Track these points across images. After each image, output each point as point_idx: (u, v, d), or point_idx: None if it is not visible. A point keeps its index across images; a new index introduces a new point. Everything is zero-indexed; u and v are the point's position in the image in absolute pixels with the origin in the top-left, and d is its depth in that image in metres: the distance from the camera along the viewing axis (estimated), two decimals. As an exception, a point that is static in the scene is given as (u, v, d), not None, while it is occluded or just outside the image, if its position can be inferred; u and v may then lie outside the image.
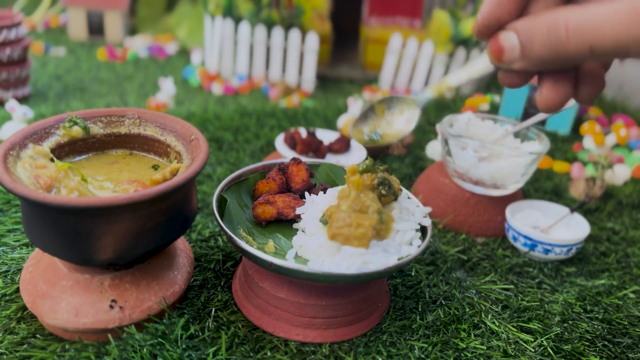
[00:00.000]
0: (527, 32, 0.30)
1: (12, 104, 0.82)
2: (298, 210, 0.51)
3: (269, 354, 0.46)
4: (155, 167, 0.51)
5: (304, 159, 0.60)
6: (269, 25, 1.50)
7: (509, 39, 0.31)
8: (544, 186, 0.88)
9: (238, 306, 0.51)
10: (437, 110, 1.22)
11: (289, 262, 0.43)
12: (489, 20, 0.31)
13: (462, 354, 0.49)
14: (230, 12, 1.51)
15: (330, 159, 0.77)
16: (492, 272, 0.62)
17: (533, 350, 0.50)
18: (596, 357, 0.50)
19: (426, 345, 0.49)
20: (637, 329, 0.55)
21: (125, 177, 0.48)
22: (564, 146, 1.07)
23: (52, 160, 0.46)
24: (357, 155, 0.79)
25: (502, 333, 0.52)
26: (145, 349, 0.43)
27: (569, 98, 0.32)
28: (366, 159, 0.40)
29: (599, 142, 1.04)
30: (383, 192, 0.47)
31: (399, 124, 0.44)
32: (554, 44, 0.28)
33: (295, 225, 0.52)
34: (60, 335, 0.45)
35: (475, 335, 0.51)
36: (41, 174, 0.42)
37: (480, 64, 0.36)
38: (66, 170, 0.42)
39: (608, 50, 0.26)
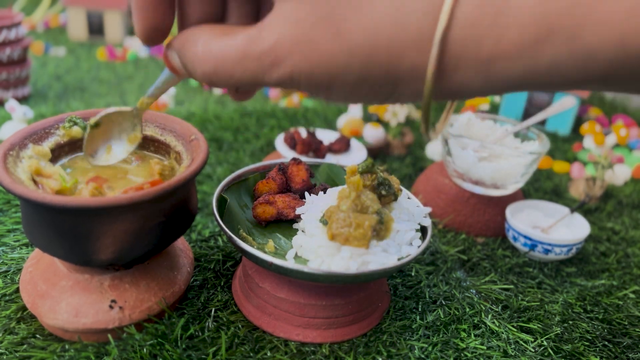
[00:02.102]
0: (181, 56, 0.30)
1: (12, 104, 0.82)
2: (298, 210, 0.51)
3: (268, 354, 0.46)
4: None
5: (304, 159, 0.60)
6: (269, 25, 1.50)
7: (173, 58, 0.32)
8: (544, 186, 0.88)
9: (238, 306, 0.51)
10: (437, 110, 1.22)
11: (289, 262, 0.43)
12: (144, 30, 0.32)
13: (462, 354, 0.49)
14: (230, 12, 1.51)
15: (330, 159, 0.77)
16: (492, 272, 0.62)
17: (533, 351, 0.50)
18: (596, 357, 0.50)
19: (426, 345, 0.49)
20: (637, 329, 0.55)
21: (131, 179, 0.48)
22: (564, 146, 1.07)
23: (58, 158, 0.46)
24: (357, 155, 0.79)
25: (502, 333, 0.52)
26: (145, 349, 0.43)
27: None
28: (366, 159, 0.40)
29: (599, 142, 1.04)
30: (383, 192, 0.47)
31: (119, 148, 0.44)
32: (190, 66, 0.29)
33: (295, 225, 0.52)
34: (60, 336, 0.45)
35: (475, 335, 0.51)
36: (46, 185, 0.42)
37: (169, 76, 0.35)
38: (75, 182, 0.43)
39: (230, 74, 0.27)
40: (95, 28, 1.81)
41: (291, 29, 0.25)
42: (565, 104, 0.73)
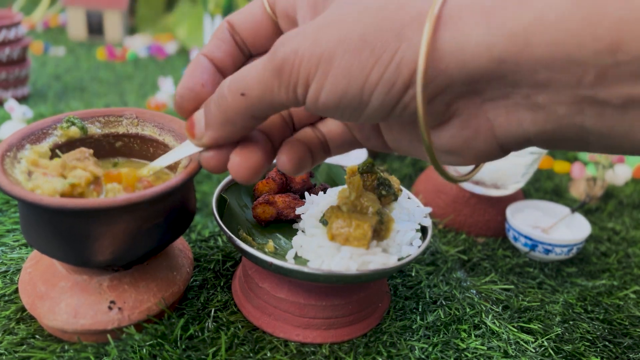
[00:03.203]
0: (207, 101, 0.31)
1: (11, 104, 0.82)
2: (298, 210, 0.51)
3: (268, 354, 0.46)
4: None
5: (303, 159, 0.60)
6: (269, 24, 1.50)
7: (198, 113, 0.32)
8: (544, 186, 0.88)
9: (238, 306, 0.51)
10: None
11: (289, 263, 0.43)
12: (183, 91, 0.33)
13: (463, 355, 0.48)
14: (230, 11, 1.51)
15: (330, 159, 0.77)
16: (492, 272, 0.62)
17: (533, 351, 0.50)
18: (597, 358, 0.50)
19: (426, 346, 0.49)
20: (638, 330, 0.55)
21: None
22: (564, 146, 1.07)
23: (57, 156, 0.46)
24: (357, 155, 0.79)
25: (503, 333, 0.52)
26: (144, 350, 0.43)
27: (259, 166, 0.33)
28: (366, 159, 0.40)
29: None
30: (383, 192, 0.46)
31: None
32: (220, 101, 0.30)
33: (295, 225, 0.52)
34: (59, 336, 0.45)
35: (475, 336, 0.51)
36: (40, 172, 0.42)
37: (185, 147, 0.36)
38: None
39: (257, 93, 0.28)
40: (95, 28, 1.80)
41: (298, 34, 0.26)
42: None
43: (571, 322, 0.55)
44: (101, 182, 0.43)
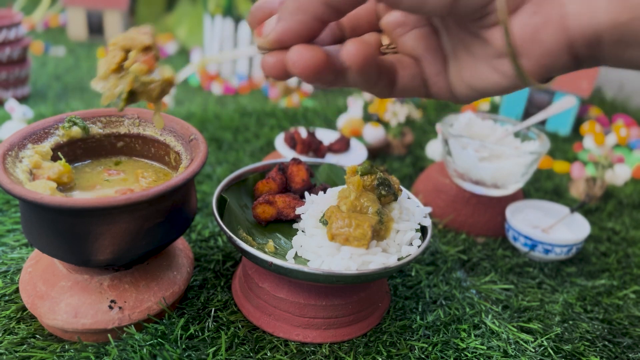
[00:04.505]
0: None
1: (11, 104, 0.82)
2: (298, 210, 0.51)
3: (268, 354, 0.46)
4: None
5: (304, 159, 0.60)
6: (269, 25, 1.50)
7: (270, 18, 0.31)
8: (544, 186, 0.88)
9: (238, 306, 0.51)
10: (437, 110, 1.22)
11: (289, 262, 0.43)
12: (260, 2, 0.31)
13: (462, 354, 0.49)
14: (230, 11, 1.51)
15: (330, 159, 0.77)
16: (492, 272, 0.62)
17: (533, 351, 0.50)
18: (596, 357, 0.50)
19: (426, 346, 0.49)
20: (638, 329, 0.55)
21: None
22: (564, 146, 1.07)
23: (59, 158, 0.46)
24: (357, 155, 0.79)
25: (503, 333, 0.52)
26: (145, 349, 0.43)
27: (323, 59, 0.29)
28: (364, 160, 0.40)
29: (599, 142, 1.03)
30: (383, 192, 0.47)
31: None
32: None
33: (295, 225, 0.52)
34: (59, 336, 0.45)
35: (475, 336, 0.51)
36: (43, 174, 0.42)
37: (246, 49, 0.35)
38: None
39: None
40: (95, 28, 1.80)
41: None
42: (565, 104, 0.73)
43: (571, 322, 0.55)
44: (154, 53, 0.37)
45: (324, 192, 0.53)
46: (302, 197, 0.55)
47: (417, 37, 0.32)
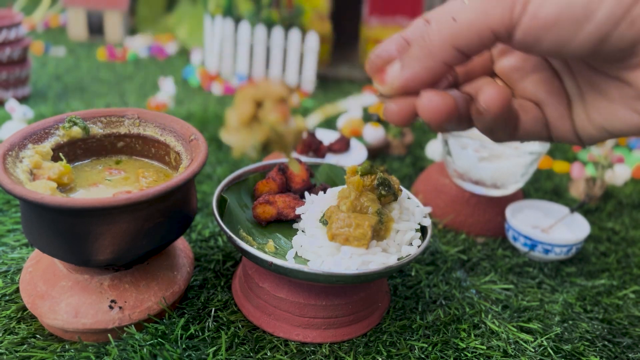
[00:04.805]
0: (406, 48, 0.30)
1: (12, 104, 0.82)
2: (298, 210, 0.51)
3: (268, 354, 0.46)
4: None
5: (304, 159, 0.60)
6: (269, 25, 1.50)
7: (392, 64, 0.31)
8: (544, 186, 0.88)
9: (238, 306, 0.51)
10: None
11: (289, 262, 0.43)
12: (380, 51, 0.32)
13: (462, 354, 0.49)
14: (230, 12, 1.51)
15: (330, 159, 0.77)
16: (492, 272, 0.62)
17: (533, 350, 0.50)
18: (596, 357, 0.50)
19: (426, 345, 0.49)
20: (637, 329, 0.55)
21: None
22: (564, 146, 1.07)
23: (59, 158, 0.46)
24: (357, 155, 0.79)
25: (502, 333, 0.52)
26: (145, 349, 0.43)
27: (451, 107, 0.30)
28: (364, 161, 0.40)
29: (599, 143, 1.03)
30: (383, 192, 0.47)
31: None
32: (424, 35, 0.28)
33: (295, 225, 0.52)
34: (60, 336, 0.45)
35: (475, 335, 0.51)
36: (44, 174, 0.42)
37: (365, 98, 0.36)
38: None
39: (469, 18, 0.27)
40: (95, 28, 1.81)
41: None
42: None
43: (570, 322, 0.55)
44: (287, 105, 0.38)
45: (324, 192, 0.53)
46: (302, 197, 0.55)
47: (537, 81, 0.32)
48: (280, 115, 0.35)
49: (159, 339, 0.44)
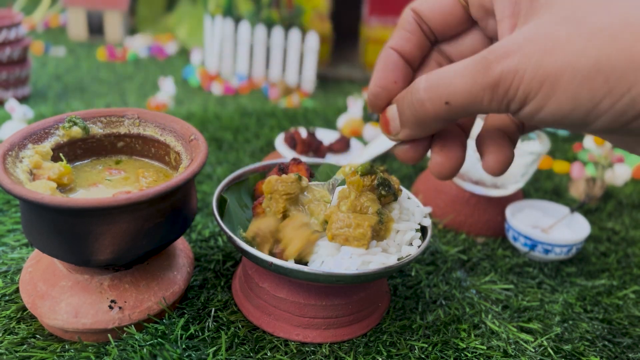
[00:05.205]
0: (400, 100, 0.31)
1: (12, 104, 0.82)
2: (298, 210, 0.51)
3: (268, 354, 0.46)
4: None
5: (304, 159, 0.60)
6: (269, 25, 1.50)
7: (391, 110, 0.32)
8: (544, 186, 0.88)
9: (238, 306, 0.51)
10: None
11: (289, 262, 0.43)
12: (376, 90, 0.33)
13: (462, 354, 0.49)
14: (230, 12, 1.51)
15: (330, 159, 0.77)
16: (492, 272, 0.62)
17: (533, 350, 0.50)
18: (596, 357, 0.50)
19: (426, 345, 0.49)
20: (638, 329, 0.55)
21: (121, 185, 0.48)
22: (564, 146, 1.07)
23: (59, 158, 0.46)
24: (357, 156, 0.79)
25: (502, 333, 0.52)
26: (145, 349, 0.43)
27: (460, 162, 0.33)
28: (364, 162, 0.41)
29: (599, 142, 1.03)
30: (383, 192, 0.47)
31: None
32: (416, 105, 0.29)
33: (295, 226, 0.52)
34: (60, 336, 0.45)
35: (475, 335, 0.51)
36: (44, 174, 0.42)
37: (380, 142, 0.37)
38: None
39: (462, 103, 0.27)
40: (95, 28, 1.81)
41: (525, 33, 0.25)
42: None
43: (571, 322, 0.55)
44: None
45: (324, 192, 0.53)
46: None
47: None
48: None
49: (159, 339, 0.44)
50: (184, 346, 0.45)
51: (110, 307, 0.44)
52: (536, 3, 0.26)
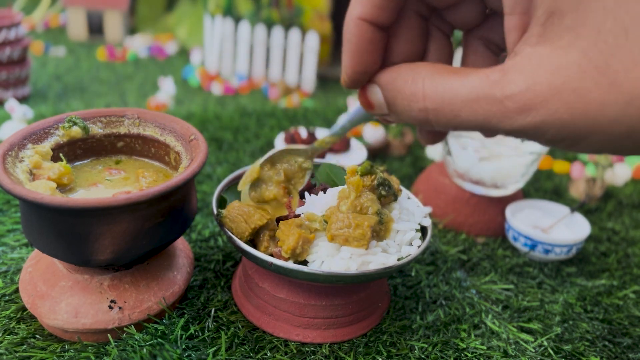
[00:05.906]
0: (390, 92, 0.29)
1: (12, 104, 0.82)
2: (298, 211, 0.51)
3: (268, 354, 0.46)
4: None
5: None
6: (269, 25, 1.50)
7: (374, 94, 0.30)
8: (544, 186, 0.88)
9: (238, 306, 0.51)
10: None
11: (289, 262, 0.43)
12: (356, 77, 0.31)
13: (462, 354, 0.49)
14: (230, 11, 1.51)
15: (330, 159, 0.77)
16: (492, 272, 0.62)
17: (533, 351, 0.50)
18: (596, 358, 0.50)
19: (426, 346, 0.49)
20: (638, 329, 0.55)
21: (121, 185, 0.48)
22: (564, 146, 1.07)
23: (59, 158, 0.46)
24: (357, 155, 0.79)
25: (503, 333, 0.52)
26: (144, 349, 0.43)
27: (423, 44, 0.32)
28: (364, 161, 0.41)
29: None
30: (383, 192, 0.47)
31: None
32: (415, 114, 0.28)
33: (295, 226, 0.52)
34: (59, 336, 0.45)
35: (475, 336, 0.51)
36: (44, 174, 0.42)
37: (359, 114, 0.36)
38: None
39: (467, 116, 0.26)
40: (95, 28, 1.81)
41: (549, 76, 0.23)
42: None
43: (571, 322, 0.55)
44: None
45: (324, 192, 0.53)
46: (302, 197, 0.55)
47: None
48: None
49: (159, 339, 0.44)
50: (183, 346, 0.45)
51: (110, 307, 0.44)
52: (558, 16, 0.24)
